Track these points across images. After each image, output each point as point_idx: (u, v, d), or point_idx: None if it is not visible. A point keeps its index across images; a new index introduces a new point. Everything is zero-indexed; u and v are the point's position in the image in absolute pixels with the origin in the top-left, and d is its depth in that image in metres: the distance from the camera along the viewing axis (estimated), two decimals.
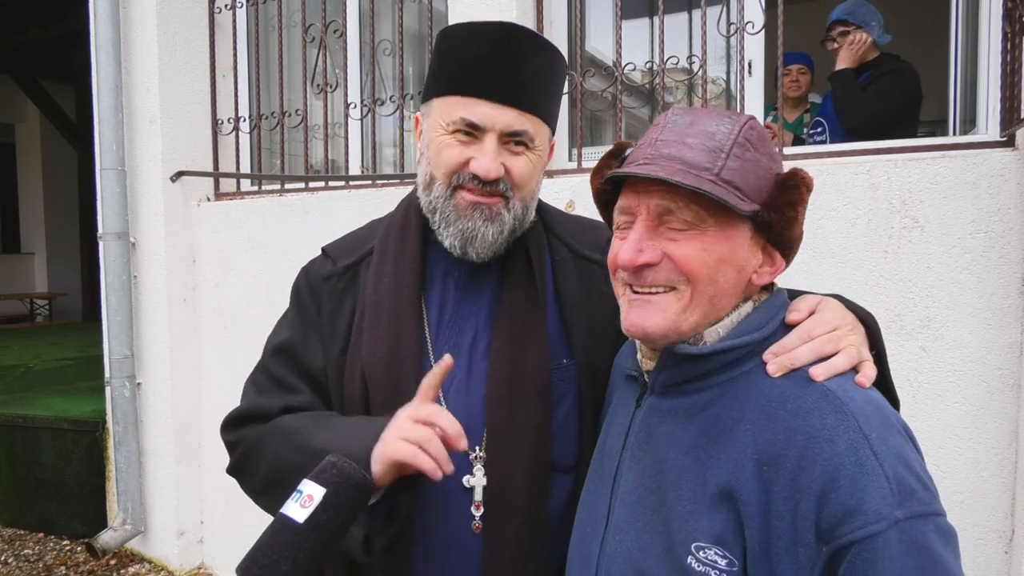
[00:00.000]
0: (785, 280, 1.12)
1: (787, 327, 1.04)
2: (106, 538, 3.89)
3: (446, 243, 1.31)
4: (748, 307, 1.06)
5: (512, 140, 1.26)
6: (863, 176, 2.47)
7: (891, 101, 3.43)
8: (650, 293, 1.04)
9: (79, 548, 4.24)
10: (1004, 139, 2.46)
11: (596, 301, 1.34)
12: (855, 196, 2.48)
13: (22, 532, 4.51)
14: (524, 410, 1.28)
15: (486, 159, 1.24)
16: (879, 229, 2.45)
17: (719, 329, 1.05)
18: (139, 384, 3.96)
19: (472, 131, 1.25)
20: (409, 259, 1.36)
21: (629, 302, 1.06)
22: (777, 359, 1.00)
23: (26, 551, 4.25)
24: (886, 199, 2.44)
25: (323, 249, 1.45)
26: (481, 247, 1.28)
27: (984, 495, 2.36)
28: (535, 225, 1.38)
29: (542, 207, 1.46)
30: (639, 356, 1.14)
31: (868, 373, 1.01)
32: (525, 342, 1.30)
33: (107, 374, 3.92)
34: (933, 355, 2.40)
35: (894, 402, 1.06)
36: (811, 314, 1.05)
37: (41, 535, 4.45)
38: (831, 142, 3.62)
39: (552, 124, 1.33)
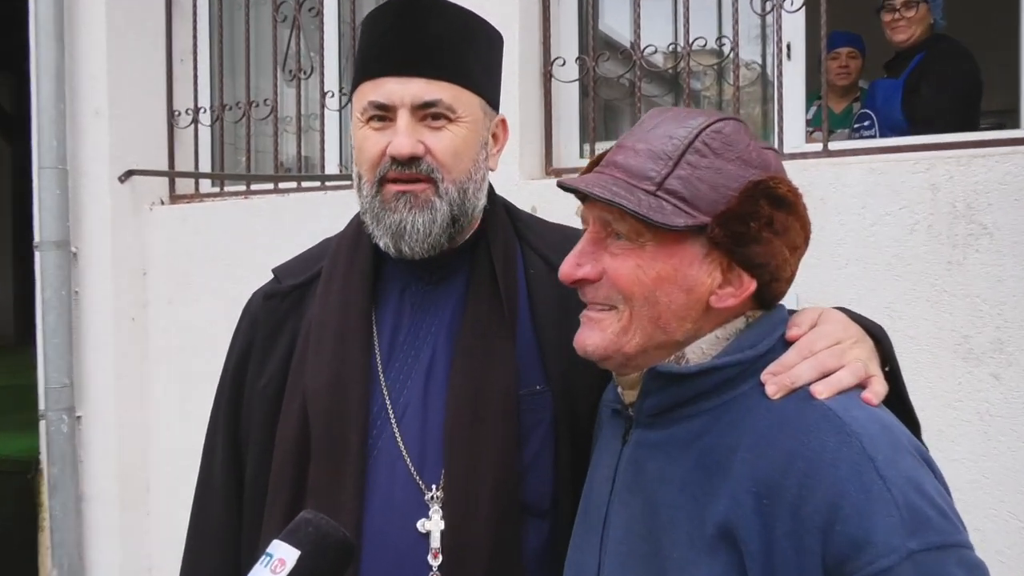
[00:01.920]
0: (831, 297, 1.13)
1: (786, 344, 1.08)
2: None
3: (380, 244, 1.35)
4: (740, 323, 1.09)
5: (428, 114, 1.30)
6: (921, 175, 2.48)
7: (953, 92, 3.44)
8: (596, 311, 1.11)
9: None
10: None
11: (576, 321, 1.36)
12: (912, 199, 2.49)
13: None
14: (488, 442, 1.30)
15: (398, 136, 1.28)
16: (941, 237, 2.46)
17: (702, 345, 1.09)
18: (79, 417, 3.96)
19: (384, 113, 1.31)
20: (359, 275, 1.40)
21: (581, 320, 1.14)
22: (776, 379, 1.03)
23: None
24: (949, 202, 2.45)
25: (273, 270, 1.50)
26: (413, 240, 1.31)
27: None
28: (502, 232, 1.42)
29: (515, 213, 1.50)
30: (619, 389, 1.18)
31: (876, 389, 1.03)
32: (489, 364, 1.33)
33: (42, 406, 3.93)
34: (1007, 383, 2.40)
35: (913, 424, 1.09)
36: (812, 328, 1.09)
37: None
38: (880, 137, 3.63)
39: (486, 94, 1.37)
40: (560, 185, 1.11)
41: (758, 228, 1.03)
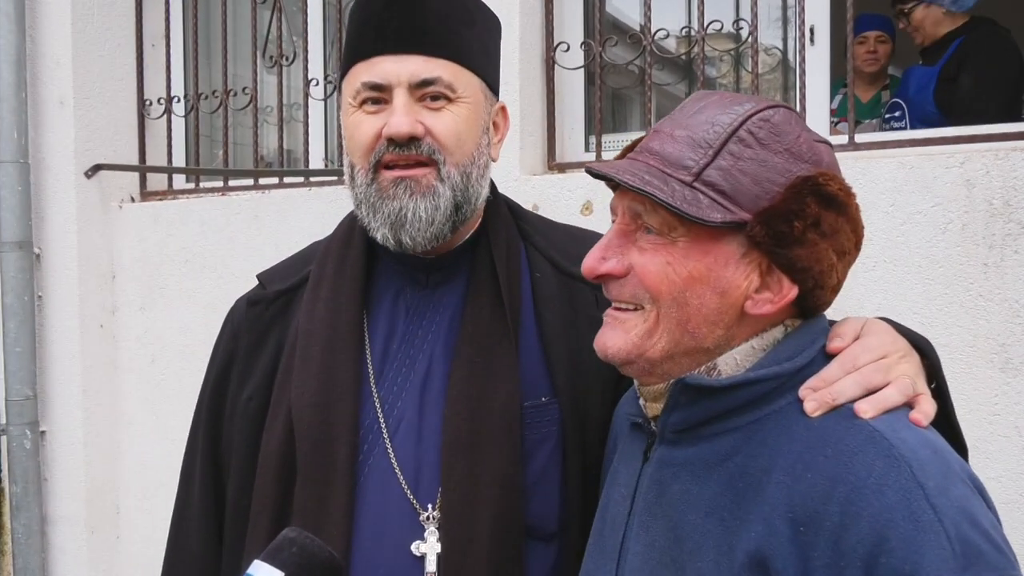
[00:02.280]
0: (857, 302, 1.13)
1: (828, 357, 1.06)
2: None
3: (378, 236, 1.34)
4: (778, 332, 1.08)
5: (427, 94, 1.31)
6: (956, 170, 2.49)
7: (995, 83, 3.45)
8: (621, 310, 1.09)
9: None
10: None
11: (585, 328, 1.36)
12: (946, 195, 2.49)
13: None
14: (488, 460, 1.30)
15: (395, 116, 1.29)
16: (977, 236, 2.46)
17: (735, 356, 1.07)
18: (43, 433, 3.96)
19: (379, 94, 1.31)
20: (350, 279, 1.40)
21: (604, 319, 1.12)
22: (816, 394, 1.02)
23: None
24: (985, 199, 2.46)
25: (258, 276, 1.51)
26: (415, 229, 1.31)
27: None
28: (506, 232, 1.43)
29: (521, 213, 1.50)
30: (641, 401, 1.16)
31: (925, 409, 1.02)
32: (490, 374, 1.33)
33: (2, 420, 3.93)
34: None
35: (960, 448, 1.08)
36: (856, 339, 1.07)
37: None
38: (912, 128, 3.65)
39: (486, 77, 1.38)
40: (588, 170, 1.10)
41: (803, 228, 1.01)
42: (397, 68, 1.30)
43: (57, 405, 3.94)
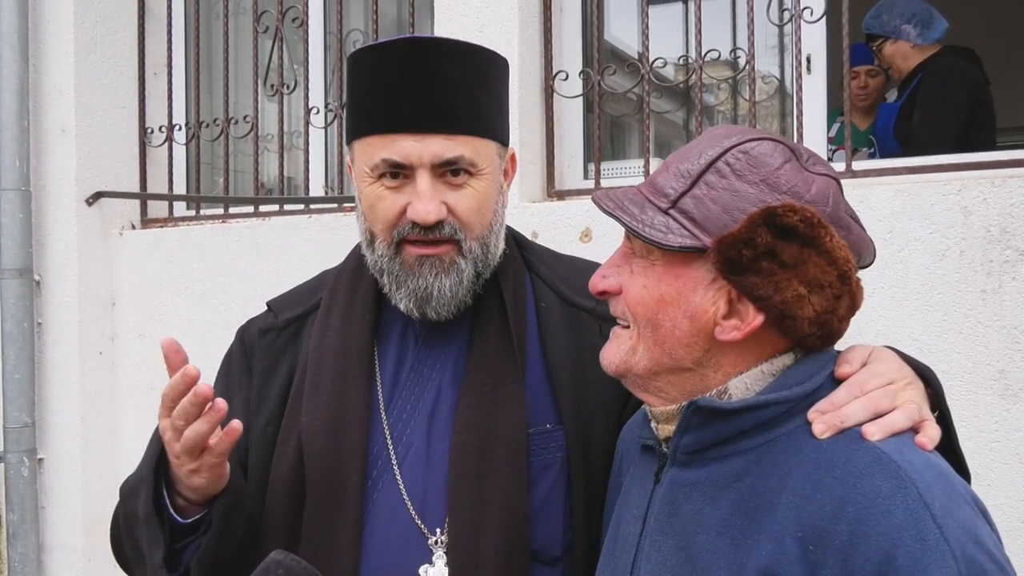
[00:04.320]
0: (856, 329, 1.15)
1: (836, 382, 1.09)
2: None
3: (401, 306, 1.38)
4: (787, 359, 1.11)
5: (448, 171, 1.32)
6: (952, 197, 2.50)
7: (941, 116, 3.48)
8: (619, 326, 1.17)
9: None
10: None
11: (589, 356, 1.38)
12: (943, 222, 2.50)
13: None
14: (495, 485, 1.32)
15: (421, 202, 1.31)
16: (975, 263, 2.47)
17: (746, 380, 1.10)
18: (41, 460, 3.94)
19: (399, 171, 1.32)
20: (361, 309, 1.42)
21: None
22: (824, 417, 1.05)
23: None
24: (982, 226, 2.46)
25: (267, 303, 1.53)
26: (440, 305, 1.35)
27: None
28: (512, 263, 1.45)
29: (526, 244, 1.53)
30: (653, 423, 1.19)
31: (931, 434, 1.05)
32: (497, 404, 1.35)
33: (0, 448, 3.90)
34: None
35: (964, 473, 1.11)
36: (863, 366, 1.10)
37: None
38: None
39: (499, 137, 1.41)
40: (592, 198, 1.18)
41: (752, 256, 1.03)
42: (420, 149, 1.30)
43: (55, 432, 3.93)
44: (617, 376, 1.18)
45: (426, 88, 1.31)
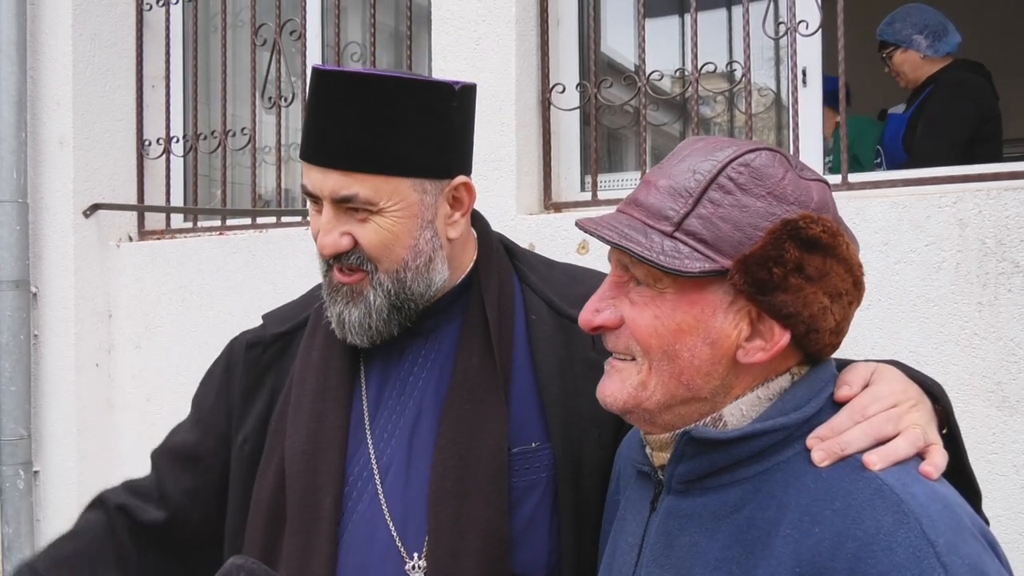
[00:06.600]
0: (852, 341, 1.12)
1: (836, 405, 1.05)
2: None
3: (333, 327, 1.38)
4: (784, 381, 1.07)
5: (350, 207, 1.32)
6: (948, 210, 2.50)
7: (942, 132, 3.50)
8: (619, 359, 1.09)
9: None
10: None
11: (580, 370, 1.36)
12: (939, 235, 2.50)
13: None
14: (475, 508, 1.29)
15: (321, 233, 1.32)
16: (970, 276, 2.47)
17: (741, 407, 1.06)
18: (36, 473, 3.93)
19: (315, 199, 1.33)
20: None
21: (605, 367, 1.12)
22: (824, 445, 1.01)
23: None
24: (978, 238, 2.47)
25: (263, 316, 1.53)
26: (353, 332, 1.35)
27: None
28: (499, 275, 1.42)
29: (518, 254, 1.50)
30: (648, 449, 1.15)
31: (936, 461, 1.01)
32: (479, 422, 1.33)
33: None
34: None
35: (974, 494, 1.07)
36: (865, 387, 1.06)
37: None
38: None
39: (420, 171, 1.33)
40: (578, 225, 1.10)
41: (783, 274, 0.99)
42: (321, 181, 1.31)
43: (51, 445, 3.92)
44: (620, 412, 1.10)
45: (326, 122, 1.31)
